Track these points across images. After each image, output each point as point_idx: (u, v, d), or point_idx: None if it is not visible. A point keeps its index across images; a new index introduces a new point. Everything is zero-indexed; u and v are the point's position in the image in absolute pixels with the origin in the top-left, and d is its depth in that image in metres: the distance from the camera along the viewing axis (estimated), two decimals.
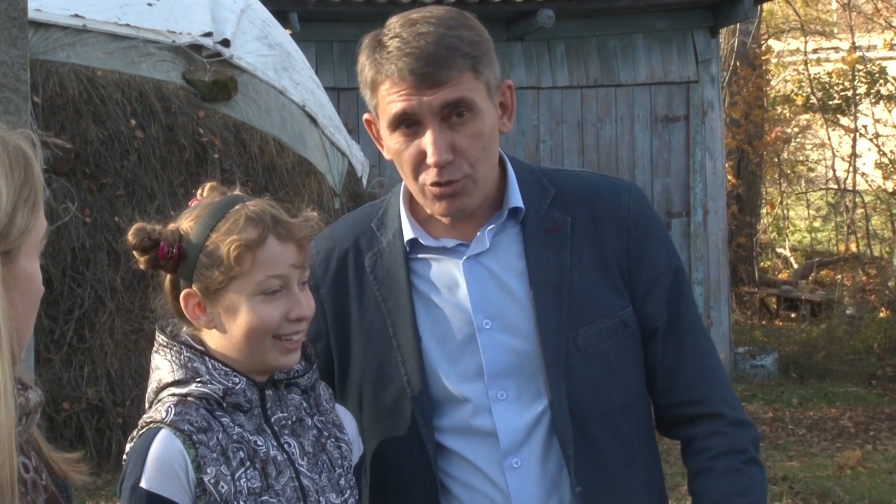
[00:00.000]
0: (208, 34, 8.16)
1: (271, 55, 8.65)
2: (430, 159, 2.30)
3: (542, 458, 2.38)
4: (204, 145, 7.88)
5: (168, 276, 2.30)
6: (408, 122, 2.30)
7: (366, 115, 2.43)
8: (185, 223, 2.27)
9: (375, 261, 2.47)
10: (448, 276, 2.43)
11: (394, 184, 2.57)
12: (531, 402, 2.39)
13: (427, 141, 2.29)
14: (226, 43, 8.20)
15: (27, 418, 1.71)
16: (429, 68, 2.25)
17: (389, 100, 2.29)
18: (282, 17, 10.18)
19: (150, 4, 8.14)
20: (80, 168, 7.51)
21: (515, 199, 2.42)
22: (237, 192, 2.35)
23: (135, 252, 2.25)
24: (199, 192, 2.36)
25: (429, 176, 2.32)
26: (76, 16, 7.75)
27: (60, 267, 7.31)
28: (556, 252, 2.41)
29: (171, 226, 2.27)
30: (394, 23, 2.33)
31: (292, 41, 9.52)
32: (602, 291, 2.42)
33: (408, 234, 2.43)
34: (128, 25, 7.88)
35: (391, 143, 2.35)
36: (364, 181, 9.34)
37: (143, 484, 2.14)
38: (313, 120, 8.78)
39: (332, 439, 2.35)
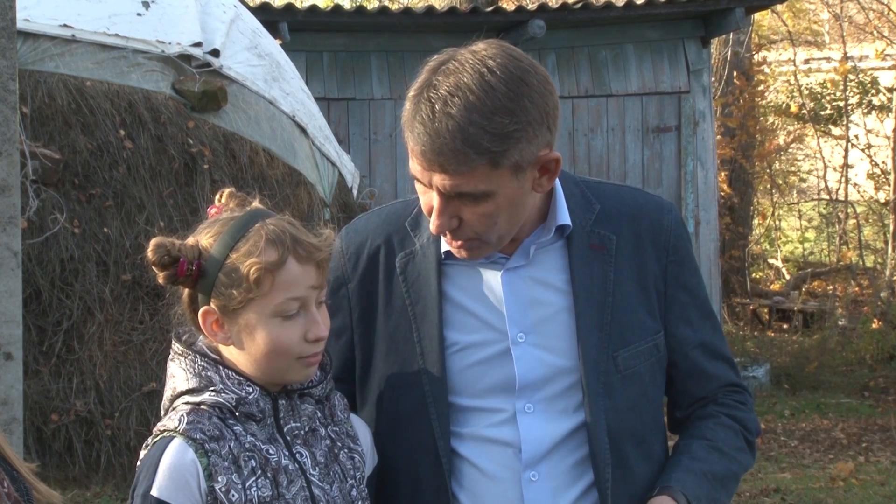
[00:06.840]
0: (198, 44, 8.12)
1: (261, 65, 8.62)
2: (430, 227, 2.27)
3: (562, 475, 2.35)
4: (193, 156, 7.85)
5: (186, 290, 2.29)
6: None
7: None
8: (205, 239, 2.26)
9: (407, 262, 2.43)
10: (485, 285, 2.39)
11: (384, 194, 2.54)
12: (559, 418, 2.36)
13: (433, 206, 2.25)
14: (215, 53, 8.17)
15: None
16: (439, 159, 2.18)
17: (410, 157, 2.25)
18: (272, 27, 10.16)
19: (139, 14, 8.11)
20: (69, 179, 7.47)
21: (563, 216, 2.38)
22: (256, 203, 2.33)
23: (153, 268, 2.23)
24: (217, 197, 2.35)
25: None
26: (65, 26, 7.71)
27: (49, 278, 7.27)
28: (600, 269, 2.38)
29: (191, 241, 2.26)
30: (441, 80, 2.21)
31: (282, 51, 9.49)
32: (640, 313, 2.41)
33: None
34: (117, 35, 7.84)
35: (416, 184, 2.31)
36: (354, 192, 9.31)
37: (154, 492, 2.17)
38: (303, 130, 8.75)
39: (346, 450, 2.35)
